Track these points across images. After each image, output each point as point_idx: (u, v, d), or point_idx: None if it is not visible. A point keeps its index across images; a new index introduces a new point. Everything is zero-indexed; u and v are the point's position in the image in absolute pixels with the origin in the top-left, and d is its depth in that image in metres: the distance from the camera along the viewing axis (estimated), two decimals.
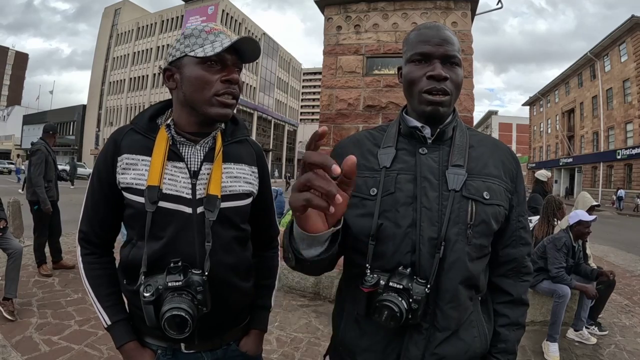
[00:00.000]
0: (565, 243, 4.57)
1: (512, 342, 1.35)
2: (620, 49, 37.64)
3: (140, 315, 1.31)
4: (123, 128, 1.47)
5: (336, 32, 6.02)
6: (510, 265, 1.37)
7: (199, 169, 1.43)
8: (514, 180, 1.34)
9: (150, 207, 1.34)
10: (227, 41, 1.36)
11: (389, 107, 5.69)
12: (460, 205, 1.22)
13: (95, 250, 1.51)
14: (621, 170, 37.50)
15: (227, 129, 1.54)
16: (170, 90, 1.46)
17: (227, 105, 1.40)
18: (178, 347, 1.45)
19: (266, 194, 1.67)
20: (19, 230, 7.80)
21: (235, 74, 1.39)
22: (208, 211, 1.39)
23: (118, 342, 1.43)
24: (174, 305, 1.23)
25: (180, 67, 1.39)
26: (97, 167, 1.46)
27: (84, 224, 1.50)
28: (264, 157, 1.68)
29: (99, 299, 1.46)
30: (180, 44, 1.40)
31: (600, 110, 41.12)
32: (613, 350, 4.49)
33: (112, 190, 1.42)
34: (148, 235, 1.34)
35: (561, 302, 4.39)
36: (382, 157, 1.31)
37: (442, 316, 1.21)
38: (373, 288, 1.17)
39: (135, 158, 1.39)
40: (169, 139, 1.41)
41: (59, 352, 3.71)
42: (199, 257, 1.37)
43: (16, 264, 4.50)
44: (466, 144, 1.32)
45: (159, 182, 1.36)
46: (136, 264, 1.36)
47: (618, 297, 6.39)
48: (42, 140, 6.28)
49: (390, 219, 1.24)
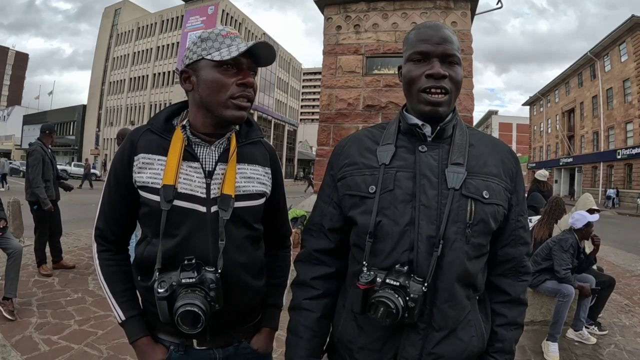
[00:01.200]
0: (572, 244, 4.58)
1: (509, 342, 1.34)
2: (620, 48, 37.64)
3: (154, 311, 1.34)
4: (140, 128, 1.51)
5: (336, 32, 6.03)
6: (509, 264, 1.37)
7: (214, 169, 1.46)
8: (513, 179, 1.34)
9: (166, 205, 1.37)
10: (243, 45, 1.39)
11: (389, 107, 5.69)
12: (459, 204, 1.22)
13: (111, 247, 1.54)
14: (621, 170, 37.48)
15: (241, 130, 1.57)
16: (186, 92, 1.49)
17: (242, 108, 1.43)
18: (190, 344, 1.48)
19: (279, 195, 1.70)
20: (19, 230, 7.81)
21: (250, 78, 1.43)
22: (222, 210, 1.42)
23: (131, 337, 1.46)
24: (188, 301, 1.26)
25: (197, 69, 1.42)
26: (114, 166, 1.49)
27: (100, 221, 1.53)
28: (277, 159, 1.71)
29: (114, 294, 1.49)
30: (197, 47, 1.42)
31: (601, 110, 41.12)
32: (613, 350, 4.48)
33: (129, 189, 1.45)
34: (163, 233, 1.37)
35: (565, 301, 4.39)
36: (381, 154, 1.31)
37: (439, 315, 1.21)
38: (370, 285, 1.17)
39: (152, 158, 1.43)
40: (185, 140, 1.44)
41: (59, 351, 3.72)
42: (212, 255, 1.39)
43: (16, 263, 4.51)
44: (466, 142, 1.32)
45: (174, 182, 1.39)
46: (151, 260, 1.39)
47: (618, 297, 6.38)
48: (39, 140, 6.28)
49: (389, 217, 1.24)
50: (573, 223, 4.72)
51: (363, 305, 1.18)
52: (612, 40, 38.33)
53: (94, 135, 66.47)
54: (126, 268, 1.55)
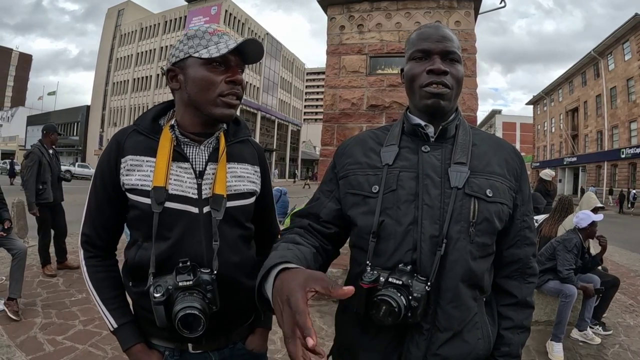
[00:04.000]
0: (576, 244, 4.57)
1: (516, 345, 1.33)
2: (624, 47, 37.47)
3: (147, 316, 1.32)
4: (126, 129, 1.47)
5: (339, 31, 6.02)
6: (515, 266, 1.36)
7: (204, 169, 1.44)
8: (518, 179, 1.34)
9: (157, 207, 1.34)
10: (231, 42, 1.37)
11: (393, 107, 5.68)
12: (462, 203, 1.22)
13: (98, 253, 1.50)
14: (625, 169, 37.32)
15: (229, 129, 1.55)
16: (172, 90, 1.46)
17: (231, 106, 1.41)
18: (185, 348, 1.46)
19: (268, 193, 1.69)
20: (23, 231, 7.83)
21: (239, 75, 1.40)
22: (214, 210, 1.41)
23: (125, 344, 1.43)
24: (187, 304, 1.23)
25: (184, 67, 1.39)
26: (99, 169, 1.45)
27: (86, 226, 1.49)
28: (264, 157, 1.70)
29: (104, 302, 1.45)
30: (183, 45, 1.40)
31: (604, 109, 40.98)
32: (617, 350, 4.47)
33: (116, 192, 1.41)
34: (155, 235, 1.35)
35: (568, 301, 4.38)
36: (385, 155, 1.32)
37: (443, 316, 1.21)
38: (373, 284, 1.16)
39: (140, 159, 1.39)
40: (173, 140, 1.41)
41: (63, 352, 3.73)
42: (207, 257, 1.38)
43: (20, 264, 4.52)
44: (469, 142, 1.32)
45: (165, 183, 1.36)
46: (143, 265, 1.36)
47: (622, 297, 6.36)
48: (39, 142, 6.25)
49: (392, 217, 1.24)
50: (577, 222, 4.70)
51: (366, 305, 1.17)
52: (616, 39, 38.17)
53: (97, 136, 66.61)
54: (115, 274, 1.51)
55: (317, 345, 0.80)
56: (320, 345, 0.78)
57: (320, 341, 3.97)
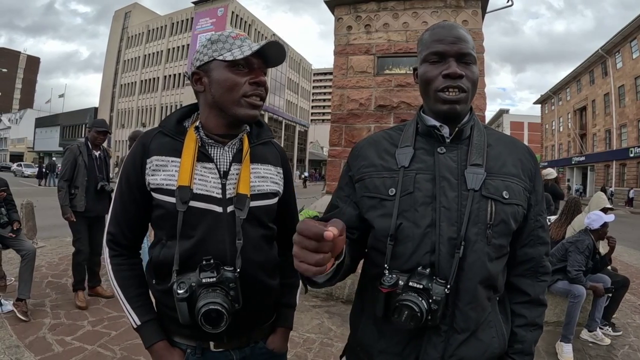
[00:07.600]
0: (588, 246, 4.55)
1: (529, 342, 1.33)
2: (631, 45, 37.19)
3: (170, 314, 1.35)
4: (151, 131, 1.51)
5: (346, 32, 6.02)
6: (528, 264, 1.36)
7: (229, 169, 1.47)
8: (532, 179, 1.33)
9: (182, 206, 1.38)
10: (255, 45, 1.40)
11: (401, 107, 5.68)
12: (479, 205, 1.22)
13: (123, 252, 1.54)
14: (634, 168, 36.96)
15: (252, 131, 1.59)
16: (197, 93, 1.50)
17: (255, 106, 1.45)
18: (207, 346, 1.48)
19: (290, 194, 1.72)
20: (32, 232, 7.89)
21: (262, 77, 1.44)
22: (238, 210, 1.43)
23: (148, 342, 1.46)
24: (210, 300, 1.27)
25: (208, 70, 1.43)
26: (125, 170, 1.49)
27: (112, 225, 1.52)
28: (287, 159, 1.74)
29: (128, 300, 1.49)
30: (207, 49, 1.44)
31: (613, 108, 40.67)
32: (627, 351, 4.44)
33: (141, 192, 1.46)
34: (180, 234, 1.38)
35: (577, 302, 4.36)
36: (400, 157, 1.32)
37: (461, 317, 1.21)
38: (392, 288, 1.17)
39: (165, 159, 1.43)
40: (198, 141, 1.44)
41: (72, 352, 3.75)
42: (230, 255, 1.40)
43: (29, 265, 4.55)
44: (484, 143, 1.32)
45: (190, 183, 1.39)
46: (167, 263, 1.40)
47: (632, 298, 6.31)
48: (85, 138, 5.33)
49: (409, 219, 1.23)
50: (589, 224, 4.67)
51: (386, 308, 1.18)
52: (623, 37, 37.90)
53: None
54: (139, 272, 1.55)
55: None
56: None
57: (329, 342, 3.97)
